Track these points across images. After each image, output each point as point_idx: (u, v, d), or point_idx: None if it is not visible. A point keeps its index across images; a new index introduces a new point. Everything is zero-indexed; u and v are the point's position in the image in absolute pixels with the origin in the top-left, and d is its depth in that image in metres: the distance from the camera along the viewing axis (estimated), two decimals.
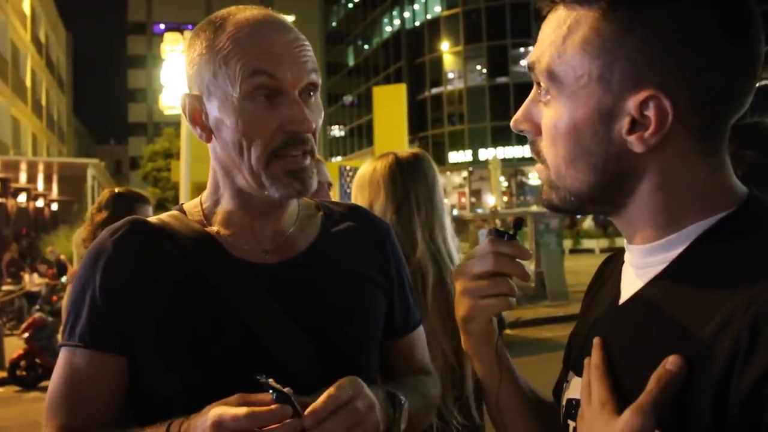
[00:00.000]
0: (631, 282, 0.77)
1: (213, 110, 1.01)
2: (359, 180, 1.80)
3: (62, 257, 12.85)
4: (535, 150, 0.78)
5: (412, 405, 1.03)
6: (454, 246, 1.74)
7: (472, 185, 40.84)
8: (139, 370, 1.00)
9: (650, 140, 0.68)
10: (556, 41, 0.72)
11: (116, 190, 2.98)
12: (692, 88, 0.67)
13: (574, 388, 0.80)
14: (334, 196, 5.03)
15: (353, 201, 1.77)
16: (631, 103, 0.68)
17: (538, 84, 0.76)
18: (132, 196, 2.95)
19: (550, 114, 0.74)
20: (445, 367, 1.65)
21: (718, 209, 0.70)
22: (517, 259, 0.85)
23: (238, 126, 0.98)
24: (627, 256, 0.79)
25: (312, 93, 1.03)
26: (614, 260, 0.91)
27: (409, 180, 1.72)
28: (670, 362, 0.64)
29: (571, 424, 0.80)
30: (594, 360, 0.73)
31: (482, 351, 0.92)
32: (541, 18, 0.77)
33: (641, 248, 0.75)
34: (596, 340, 0.75)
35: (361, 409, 0.87)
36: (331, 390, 0.86)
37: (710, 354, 0.61)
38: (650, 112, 0.67)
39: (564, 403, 0.84)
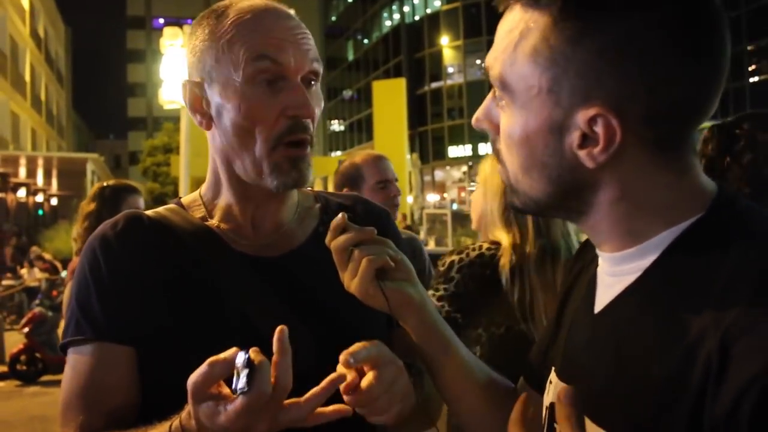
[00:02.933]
0: (605, 290, 0.75)
1: (214, 96, 1.01)
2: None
3: (46, 256, 12.84)
4: (495, 149, 0.77)
5: (428, 387, 1.02)
6: (573, 230, 1.93)
7: (471, 180, 40.81)
8: (143, 361, 0.99)
9: (599, 157, 0.66)
10: (508, 48, 0.70)
11: (104, 183, 3.03)
12: (646, 103, 0.64)
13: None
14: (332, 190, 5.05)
15: (488, 179, 1.96)
16: (580, 118, 0.66)
17: (493, 90, 0.75)
18: (118, 186, 3.00)
19: (504, 121, 0.73)
20: None
21: (686, 214, 0.68)
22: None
23: (240, 111, 0.98)
24: (600, 262, 0.78)
25: (313, 81, 1.03)
26: (590, 250, 0.89)
27: None
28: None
29: (557, 427, 0.79)
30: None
31: (407, 317, 0.94)
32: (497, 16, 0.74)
33: (612, 256, 0.73)
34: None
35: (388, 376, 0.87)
36: (375, 374, 0.85)
37: (683, 375, 0.59)
38: (599, 129, 0.65)
39: (548, 405, 0.82)
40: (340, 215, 0.93)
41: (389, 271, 0.92)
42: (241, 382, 0.77)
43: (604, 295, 0.75)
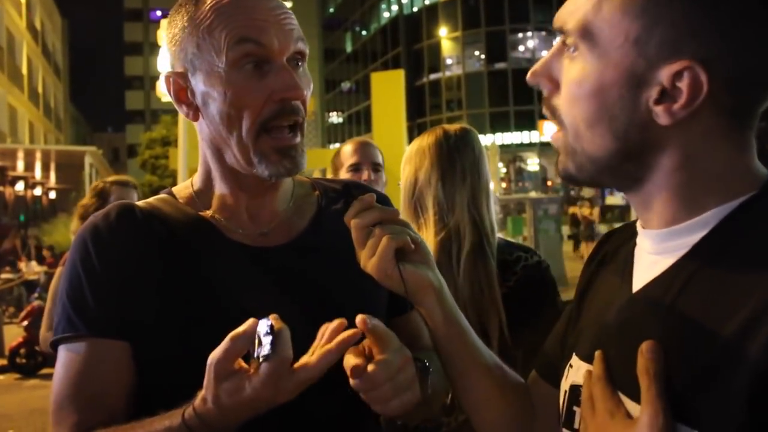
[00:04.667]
0: (647, 268, 0.74)
1: (199, 85, 0.98)
2: (407, 153, 1.85)
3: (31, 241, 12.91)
4: (550, 107, 0.75)
5: (433, 377, 1.00)
6: (495, 217, 1.78)
7: None
8: (139, 356, 0.97)
9: (679, 113, 0.65)
10: None
11: (103, 181, 3.12)
12: (731, 66, 0.64)
13: (581, 375, 0.77)
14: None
15: (401, 174, 1.84)
16: (665, 72, 0.65)
17: (564, 41, 0.73)
18: (114, 181, 3.08)
19: (575, 71, 0.71)
20: None
21: (740, 192, 0.67)
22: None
23: (226, 97, 0.95)
24: (640, 241, 0.77)
25: (300, 62, 1.00)
26: (617, 236, 0.89)
27: (455, 149, 1.76)
28: (647, 350, 0.63)
29: (577, 410, 0.77)
30: (596, 371, 0.71)
31: (425, 301, 0.93)
32: None
33: (659, 233, 0.72)
34: (598, 354, 0.72)
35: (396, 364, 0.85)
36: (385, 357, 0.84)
37: (743, 346, 0.58)
38: (683, 84, 0.64)
39: (567, 388, 0.81)
40: (368, 195, 0.92)
41: (408, 252, 0.91)
42: (264, 348, 0.78)
43: (645, 274, 0.74)
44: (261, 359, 0.78)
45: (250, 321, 0.79)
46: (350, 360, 0.84)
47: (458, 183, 1.73)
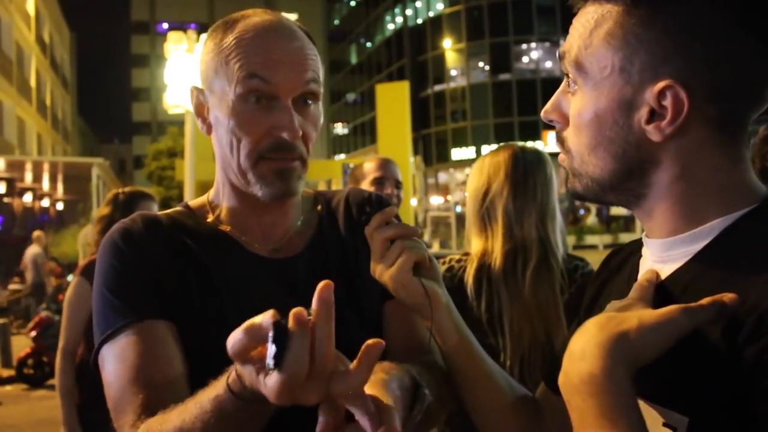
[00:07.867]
0: None
1: (213, 106, 1.05)
2: (479, 163, 1.89)
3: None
4: (560, 139, 0.82)
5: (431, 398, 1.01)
6: (560, 238, 1.82)
7: None
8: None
9: (666, 129, 0.71)
10: (584, 34, 0.76)
11: (119, 189, 3.12)
12: (709, 80, 0.69)
13: None
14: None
15: (470, 183, 1.88)
16: (650, 94, 0.71)
17: (567, 75, 0.80)
18: (134, 192, 3.09)
19: (576, 103, 0.78)
20: (533, 345, 1.72)
21: (740, 205, 0.72)
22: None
23: (230, 124, 1.01)
24: (645, 251, 0.82)
25: (310, 101, 1.04)
26: (622, 253, 0.93)
27: (530, 166, 1.81)
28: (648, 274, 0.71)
29: None
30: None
31: (436, 314, 0.96)
32: (572, 14, 0.80)
33: (663, 241, 0.77)
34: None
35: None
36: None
37: (729, 344, 0.64)
38: (667, 102, 0.70)
39: None
40: (389, 208, 0.98)
41: (423, 268, 0.96)
42: (268, 358, 0.67)
43: None
44: (267, 367, 0.69)
45: (268, 314, 0.71)
46: (324, 414, 0.74)
47: (529, 199, 1.78)
